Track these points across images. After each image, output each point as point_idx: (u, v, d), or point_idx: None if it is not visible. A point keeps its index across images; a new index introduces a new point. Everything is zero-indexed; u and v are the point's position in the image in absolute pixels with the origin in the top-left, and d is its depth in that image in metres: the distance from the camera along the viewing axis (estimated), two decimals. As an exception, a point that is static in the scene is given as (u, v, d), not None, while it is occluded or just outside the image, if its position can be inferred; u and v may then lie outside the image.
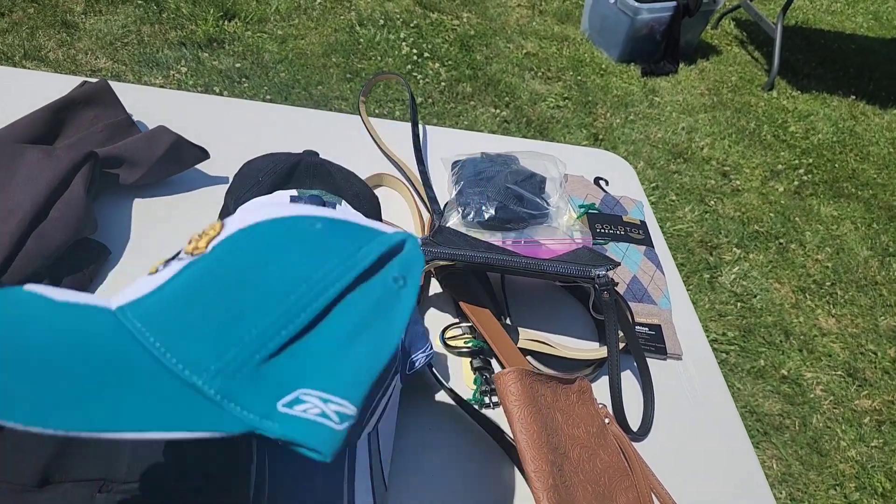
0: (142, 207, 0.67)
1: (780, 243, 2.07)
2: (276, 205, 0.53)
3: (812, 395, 1.63)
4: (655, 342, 0.65)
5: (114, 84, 0.74)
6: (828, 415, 1.59)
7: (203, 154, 0.69)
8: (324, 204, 0.53)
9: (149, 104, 0.78)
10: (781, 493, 1.42)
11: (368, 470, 0.48)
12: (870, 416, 1.61)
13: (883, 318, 1.89)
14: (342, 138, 0.82)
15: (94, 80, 0.73)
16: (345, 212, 0.36)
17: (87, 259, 0.59)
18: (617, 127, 2.36)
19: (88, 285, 0.58)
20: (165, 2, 2.25)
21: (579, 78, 2.56)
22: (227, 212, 0.58)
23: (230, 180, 0.70)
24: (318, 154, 0.61)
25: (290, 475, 0.46)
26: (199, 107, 0.81)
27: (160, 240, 0.64)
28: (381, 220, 0.62)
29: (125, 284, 0.59)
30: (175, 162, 0.68)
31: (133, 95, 0.78)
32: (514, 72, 2.48)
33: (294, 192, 0.54)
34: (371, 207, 0.59)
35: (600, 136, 2.30)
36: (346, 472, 0.47)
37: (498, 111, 2.27)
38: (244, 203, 0.55)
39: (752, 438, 1.51)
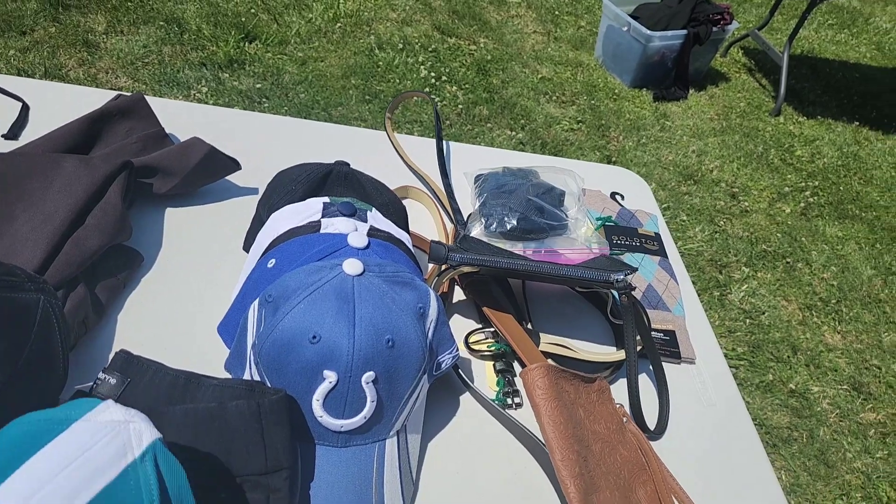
0: (174, 216, 0.70)
1: (788, 262, 2.09)
2: (310, 210, 0.57)
3: (819, 409, 1.65)
4: (670, 347, 0.69)
5: (147, 98, 0.79)
6: (834, 427, 1.61)
7: (235, 165, 0.72)
8: (355, 211, 0.57)
9: (178, 117, 0.82)
10: (790, 503, 1.43)
11: (398, 466, 0.51)
12: (875, 428, 1.63)
13: (886, 334, 1.91)
14: (368, 152, 0.86)
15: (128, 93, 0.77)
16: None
17: (121, 265, 0.61)
18: (629, 149, 2.41)
19: (121, 290, 0.61)
20: (187, 23, 2.34)
21: (593, 102, 2.62)
22: (259, 221, 0.61)
23: (260, 191, 0.74)
24: (349, 164, 0.65)
25: (322, 473, 0.48)
26: (228, 120, 0.85)
27: (191, 247, 0.67)
28: (407, 228, 0.66)
29: (157, 291, 0.63)
30: (207, 172, 0.70)
31: (165, 109, 0.82)
32: (530, 95, 2.54)
33: (326, 199, 0.58)
34: (399, 217, 0.63)
35: (613, 159, 2.35)
36: (374, 469, 0.49)
37: (514, 133, 2.32)
38: (278, 210, 0.59)
39: (761, 454, 1.52)
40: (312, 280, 0.50)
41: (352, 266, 0.50)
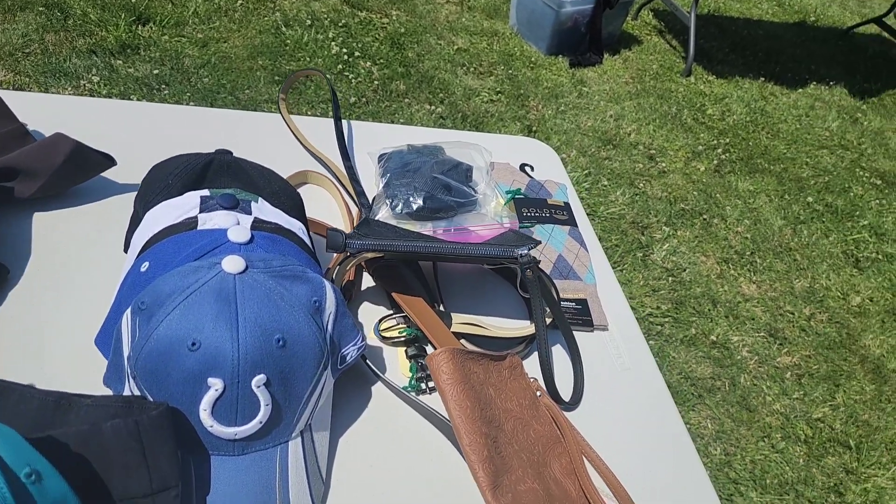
0: (43, 221, 0.63)
1: (704, 219, 2.18)
2: (186, 206, 0.53)
3: (739, 357, 1.74)
4: (582, 315, 0.69)
5: (4, 93, 0.70)
6: (754, 374, 1.71)
7: (108, 161, 0.66)
8: (237, 203, 0.53)
9: (45, 113, 0.74)
10: (717, 450, 1.51)
11: (304, 467, 0.48)
12: (791, 371, 1.74)
13: (797, 280, 2.04)
14: (263, 138, 0.81)
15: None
16: None
17: (-18, 282, 0.55)
18: (549, 118, 2.42)
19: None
20: (70, 7, 2.14)
21: (510, 72, 2.61)
22: (136, 219, 0.56)
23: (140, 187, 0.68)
24: (231, 153, 0.61)
25: (218, 485, 0.45)
26: (102, 112, 0.78)
27: (65, 254, 0.61)
28: (304, 216, 0.62)
29: (28, 305, 0.57)
30: (77, 171, 0.64)
31: (27, 104, 0.74)
32: (447, 68, 2.50)
33: (206, 192, 0.54)
34: (292, 205, 0.59)
35: (534, 128, 2.36)
36: (277, 473, 0.47)
37: (433, 108, 2.28)
38: (154, 207, 0.54)
39: (687, 402, 1.59)
40: (188, 282, 0.46)
41: (232, 263, 0.46)
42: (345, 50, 2.38)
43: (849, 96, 3.16)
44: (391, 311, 0.65)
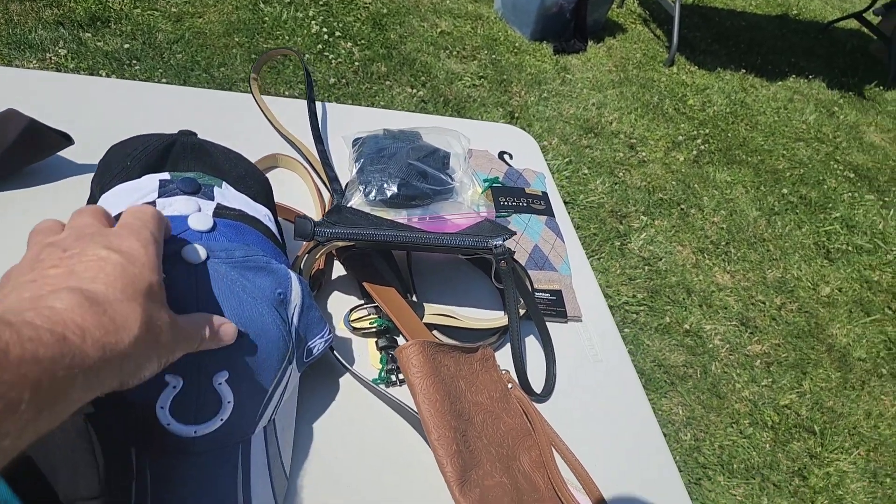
0: (-5, 203, 0.61)
1: (682, 209, 2.20)
2: (143, 190, 0.50)
3: (711, 346, 1.77)
4: (556, 307, 0.68)
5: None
6: (725, 361, 1.74)
7: (66, 140, 0.63)
8: (199, 188, 0.50)
9: (3, 87, 0.71)
10: (687, 436, 1.54)
11: (266, 464, 0.47)
12: (760, 359, 1.78)
13: (770, 270, 2.07)
14: (233, 119, 0.78)
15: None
16: None
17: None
18: (532, 104, 2.41)
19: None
20: (39, -24, 2.06)
21: (494, 56, 2.59)
22: (93, 201, 0.54)
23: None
24: (195, 134, 0.58)
25: (177, 484, 0.44)
26: (61, 87, 0.74)
27: (19, 240, 0.58)
28: (272, 202, 0.60)
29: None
30: (31, 150, 0.61)
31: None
32: (430, 51, 2.47)
33: (166, 176, 0.51)
34: (259, 190, 0.57)
35: (516, 114, 2.34)
36: (240, 471, 0.45)
37: (414, 91, 2.25)
38: (110, 190, 0.51)
39: (660, 389, 1.62)
40: None
41: (192, 253, 0.44)
42: (325, 29, 2.33)
43: (827, 90, 3.20)
44: (362, 301, 0.64)
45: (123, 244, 0.35)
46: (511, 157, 0.88)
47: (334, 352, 0.56)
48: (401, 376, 0.59)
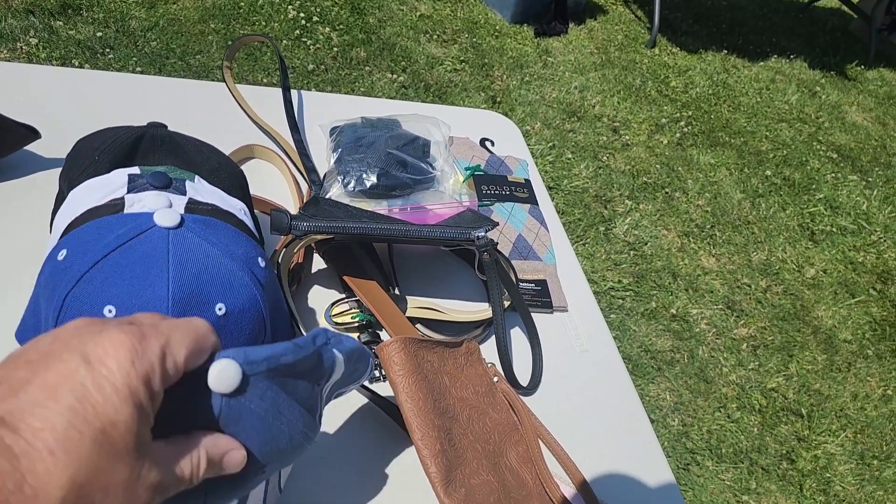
0: (-36, 199, 0.58)
1: (666, 192, 2.20)
2: (112, 186, 0.48)
3: (697, 330, 1.77)
4: (541, 297, 0.67)
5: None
6: (712, 346, 1.74)
7: (32, 134, 0.61)
8: (170, 182, 0.48)
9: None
10: (674, 421, 1.54)
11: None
12: (747, 342, 1.79)
13: (755, 253, 2.08)
14: (207, 109, 0.76)
15: None
16: None
17: None
18: (514, 89, 2.38)
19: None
20: (5, -37, 1.99)
21: (475, 40, 2.55)
22: (61, 198, 0.51)
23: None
24: (165, 126, 0.56)
25: None
26: (27, 79, 0.71)
27: (-6, 234, 0.56)
28: (248, 195, 0.58)
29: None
30: None
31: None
32: (409, 35, 2.43)
33: (136, 170, 0.49)
34: (234, 182, 0.55)
35: (498, 99, 2.31)
36: None
37: (395, 76, 2.21)
38: (78, 186, 0.49)
39: (647, 375, 1.62)
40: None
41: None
42: (302, 14, 2.28)
43: (808, 70, 3.20)
44: (343, 296, 0.62)
45: (111, 354, 0.24)
46: (493, 143, 0.87)
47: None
48: (384, 372, 0.58)
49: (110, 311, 0.40)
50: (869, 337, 1.92)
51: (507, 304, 0.63)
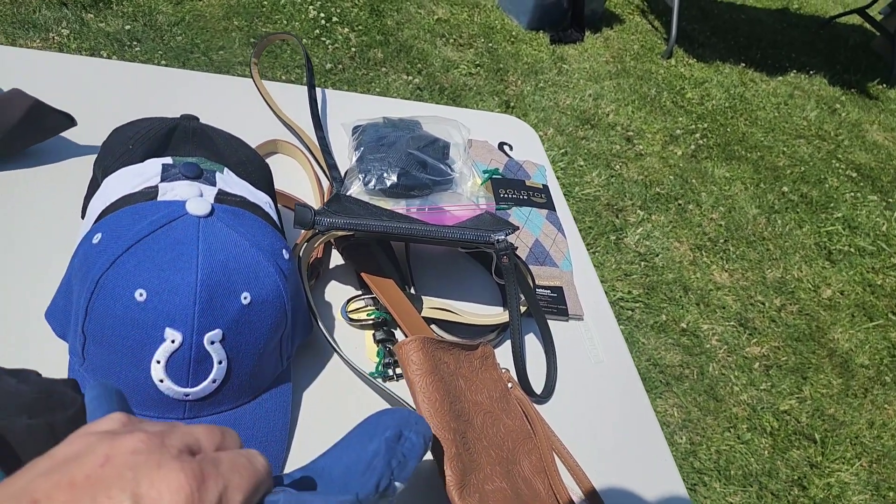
0: (-5, 183, 0.59)
1: (679, 204, 2.18)
2: (146, 174, 0.49)
3: (708, 346, 1.75)
4: (557, 304, 0.67)
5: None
6: (722, 363, 1.72)
7: (69, 121, 0.62)
8: (201, 173, 0.49)
9: (8, 66, 0.69)
10: (682, 439, 1.52)
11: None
12: (759, 361, 1.76)
13: (770, 270, 2.05)
14: (233, 103, 0.76)
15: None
16: None
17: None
18: (528, 94, 2.38)
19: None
20: (37, -45, 2.02)
21: (491, 45, 2.56)
22: (95, 183, 0.52)
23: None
24: (197, 119, 0.56)
25: None
26: (66, 69, 0.72)
27: (19, 220, 0.57)
28: (272, 189, 0.58)
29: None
30: (35, 130, 0.60)
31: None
32: (426, 38, 2.44)
33: (168, 160, 0.50)
34: (260, 175, 0.56)
35: (512, 104, 2.31)
36: None
37: (410, 78, 2.22)
38: (113, 173, 0.50)
39: (655, 389, 1.61)
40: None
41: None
42: (322, 14, 2.29)
43: (828, 86, 3.18)
44: (360, 292, 0.62)
45: (166, 499, 0.22)
46: (511, 148, 0.87)
47: (332, 340, 0.54)
48: (398, 371, 0.58)
49: (141, 295, 0.41)
50: (887, 363, 1.87)
51: (523, 309, 0.63)
